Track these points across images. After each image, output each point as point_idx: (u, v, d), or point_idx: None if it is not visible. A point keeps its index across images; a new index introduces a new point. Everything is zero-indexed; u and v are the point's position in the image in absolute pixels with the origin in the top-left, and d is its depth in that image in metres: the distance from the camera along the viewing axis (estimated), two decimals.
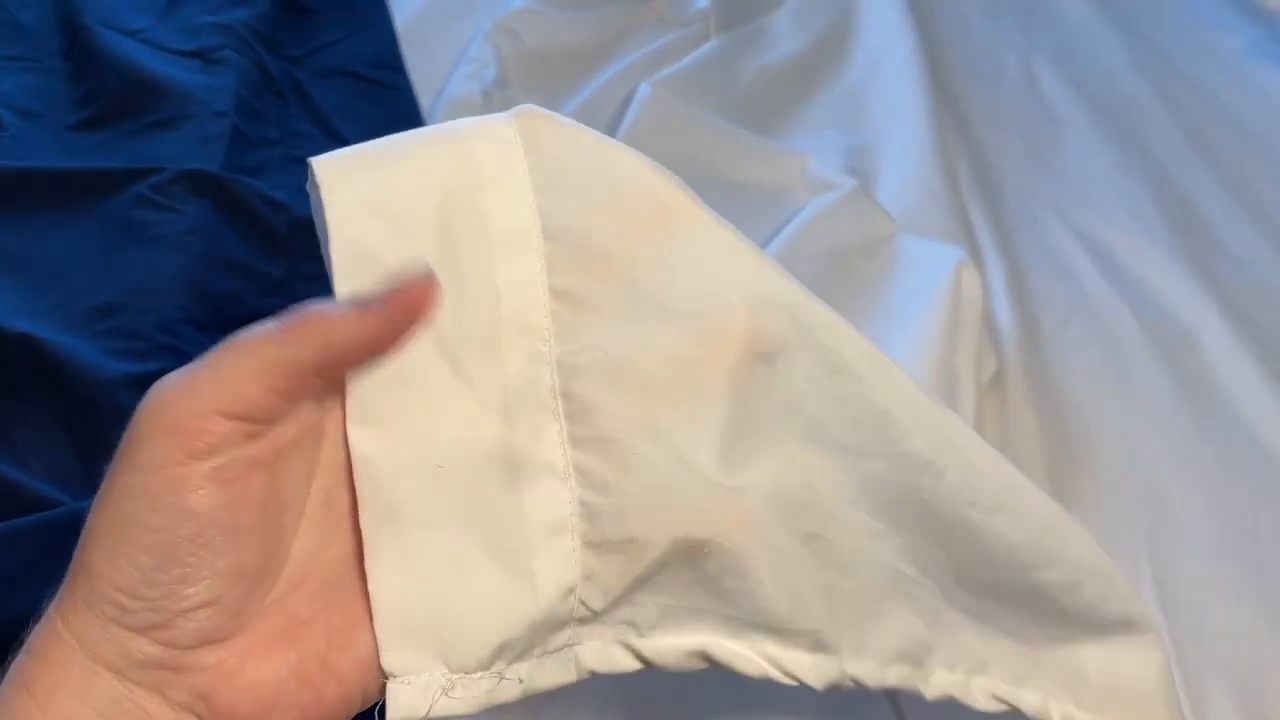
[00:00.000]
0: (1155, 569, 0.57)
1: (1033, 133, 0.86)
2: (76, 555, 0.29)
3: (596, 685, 0.36)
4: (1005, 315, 0.71)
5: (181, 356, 0.61)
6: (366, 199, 0.31)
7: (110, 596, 0.28)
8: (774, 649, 0.35)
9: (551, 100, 0.86)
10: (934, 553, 0.37)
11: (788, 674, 0.35)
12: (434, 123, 0.83)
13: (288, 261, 0.71)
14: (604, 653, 0.34)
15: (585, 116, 0.85)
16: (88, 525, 0.29)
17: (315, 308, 0.30)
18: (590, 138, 0.34)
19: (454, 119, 0.86)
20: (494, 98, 0.84)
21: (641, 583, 0.33)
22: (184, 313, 0.64)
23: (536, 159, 0.33)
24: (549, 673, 0.33)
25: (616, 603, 0.33)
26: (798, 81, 0.91)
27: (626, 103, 0.84)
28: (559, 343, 0.32)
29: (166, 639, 0.29)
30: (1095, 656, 0.39)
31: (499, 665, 0.32)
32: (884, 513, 0.35)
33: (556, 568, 0.32)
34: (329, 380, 0.31)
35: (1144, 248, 0.74)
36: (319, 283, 0.71)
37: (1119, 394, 0.66)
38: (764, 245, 0.72)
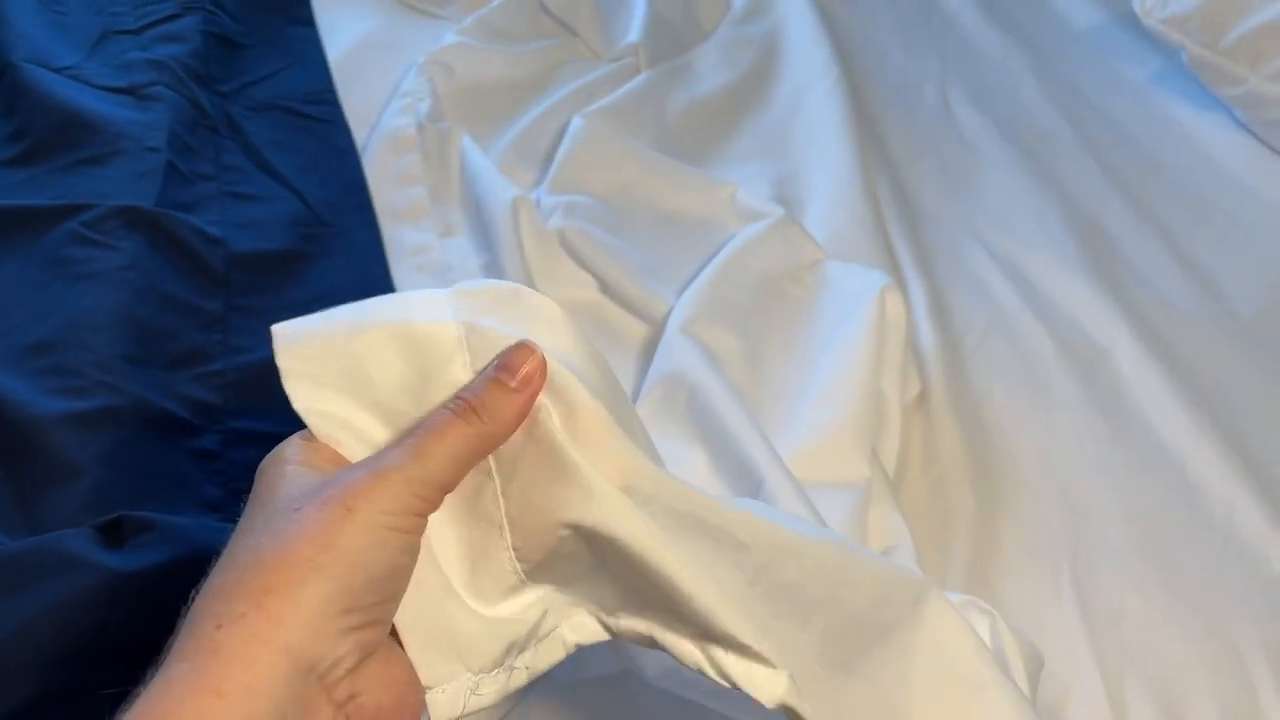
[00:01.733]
0: (1075, 575, 0.60)
1: (950, 161, 0.89)
2: (300, 570, 0.34)
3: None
4: (927, 336, 0.73)
5: (118, 394, 0.61)
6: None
7: (345, 602, 0.34)
8: (718, 652, 0.39)
9: (487, 133, 0.88)
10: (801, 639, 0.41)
11: (724, 675, 0.39)
12: (369, 154, 0.84)
13: (225, 296, 0.71)
14: (581, 625, 0.40)
15: (521, 149, 0.87)
16: (340, 540, 0.34)
17: (480, 395, 0.37)
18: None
19: (390, 152, 0.87)
20: (429, 131, 0.85)
21: (592, 569, 0.39)
22: (120, 349, 0.64)
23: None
24: (544, 655, 0.40)
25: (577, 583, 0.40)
26: (725, 113, 0.93)
27: (561, 135, 0.86)
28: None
29: (365, 641, 0.35)
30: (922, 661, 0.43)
31: (509, 660, 0.39)
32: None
33: (528, 602, 0.40)
34: None
35: (1058, 269, 0.77)
36: (256, 317, 0.72)
37: (1037, 409, 0.69)
38: (695, 273, 0.74)
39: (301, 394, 0.39)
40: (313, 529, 0.34)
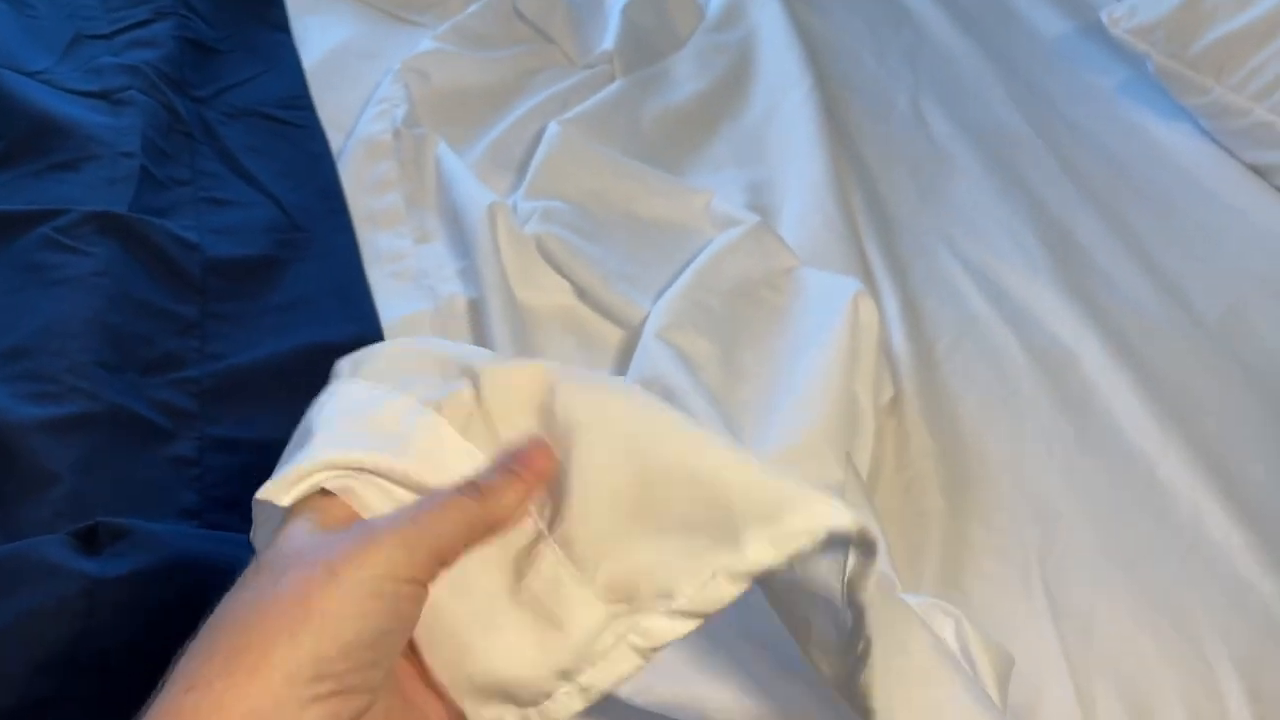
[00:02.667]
0: (1045, 576, 0.61)
1: (922, 168, 0.90)
2: (272, 634, 0.33)
3: None
4: (900, 341, 0.74)
5: (93, 400, 0.61)
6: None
7: (314, 669, 0.33)
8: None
9: (462, 139, 0.88)
10: None
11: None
12: (345, 160, 0.84)
13: (200, 302, 0.71)
14: (650, 629, 0.38)
15: (496, 155, 0.88)
16: (318, 604, 0.34)
17: (489, 480, 0.38)
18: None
19: (366, 158, 0.87)
20: (404, 136, 0.86)
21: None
22: (94, 355, 0.63)
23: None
24: (611, 670, 0.38)
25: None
26: (700, 121, 0.94)
27: (536, 142, 0.86)
28: None
29: (335, 711, 0.34)
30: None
31: (563, 686, 0.38)
32: None
33: (583, 616, 0.38)
34: None
35: (1027, 275, 0.78)
36: (231, 323, 0.72)
37: (1007, 413, 0.70)
38: (672, 279, 0.74)
39: (296, 482, 0.38)
40: (293, 591, 0.34)
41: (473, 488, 0.38)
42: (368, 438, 0.39)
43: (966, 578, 0.61)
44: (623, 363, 0.70)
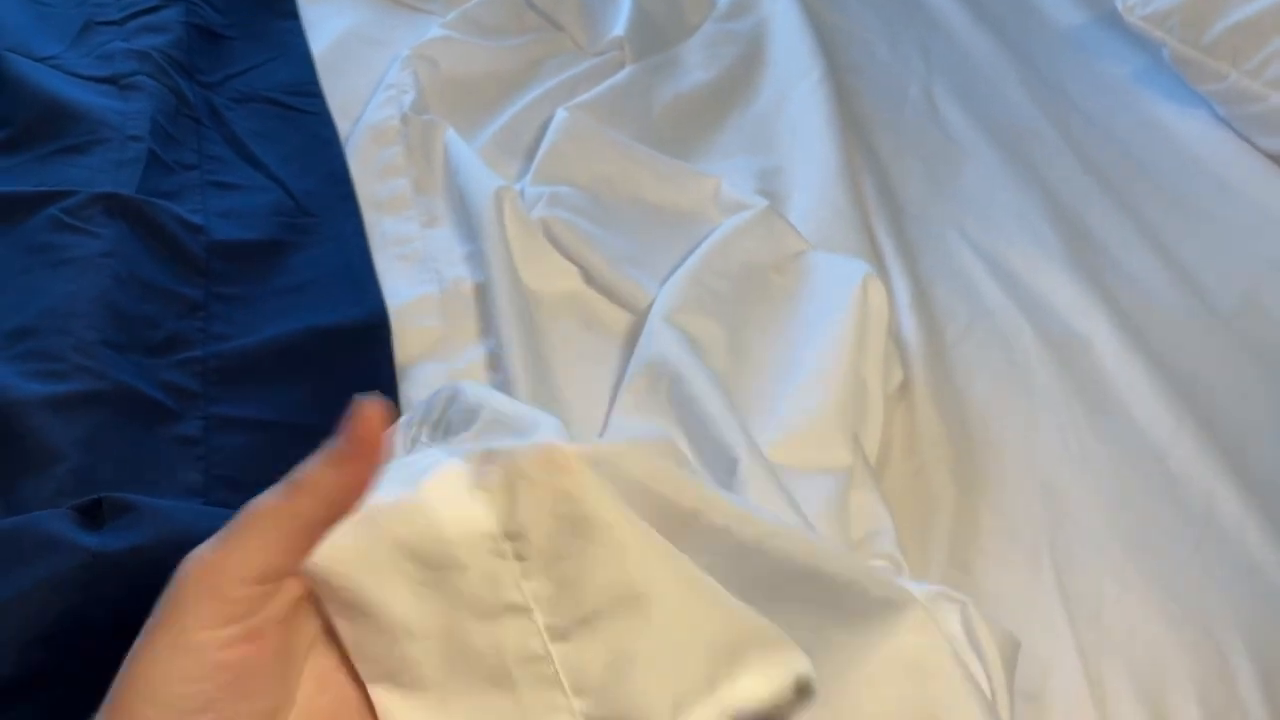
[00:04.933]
0: (1055, 560, 0.60)
1: (934, 156, 0.89)
2: (114, 703, 0.31)
3: None
4: (910, 327, 0.74)
5: (99, 378, 0.61)
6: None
7: None
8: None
9: (470, 126, 0.88)
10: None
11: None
12: (353, 146, 0.84)
13: (205, 283, 0.71)
14: None
15: (504, 142, 0.87)
16: (127, 674, 0.31)
17: (306, 471, 0.33)
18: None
19: (373, 144, 0.87)
20: (412, 123, 0.85)
21: None
22: (100, 335, 0.63)
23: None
24: None
25: None
26: (710, 108, 0.93)
27: (544, 128, 0.86)
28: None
29: None
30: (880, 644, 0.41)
31: None
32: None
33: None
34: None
35: (1039, 262, 0.78)
36: (236, 305, 0.72)
37: (1018, 399, 0.69)
38: (679, 263, 0.74)
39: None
40: (127, 663, 0.31)
41: (289, 487, 0.33)
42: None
43: (975, 560, 0.60)
44: (629, 347, 0.70)
